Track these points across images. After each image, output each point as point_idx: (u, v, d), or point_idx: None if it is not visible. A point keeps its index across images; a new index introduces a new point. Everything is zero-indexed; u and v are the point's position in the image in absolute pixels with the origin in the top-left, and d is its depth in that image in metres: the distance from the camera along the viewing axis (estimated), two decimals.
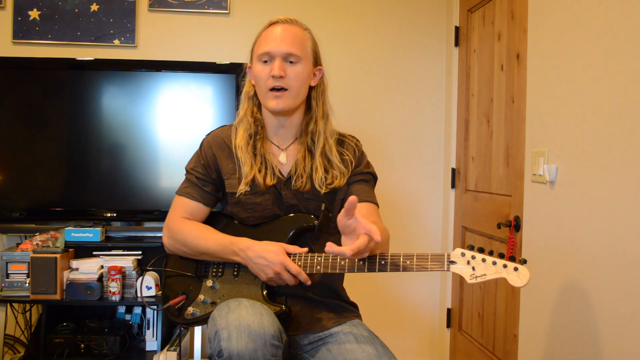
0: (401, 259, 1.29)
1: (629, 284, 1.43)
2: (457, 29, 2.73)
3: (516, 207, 2.05)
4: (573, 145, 1.69)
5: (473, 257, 1.26)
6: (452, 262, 1.27)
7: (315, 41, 1.55)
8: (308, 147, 1.53)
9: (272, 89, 1.46)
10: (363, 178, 1.56)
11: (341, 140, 1.59)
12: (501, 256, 1.25)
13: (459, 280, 2.68)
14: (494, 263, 1.24)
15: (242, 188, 1.49)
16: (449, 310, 2.80)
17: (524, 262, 1.23)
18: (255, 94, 1.56)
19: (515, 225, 2.02)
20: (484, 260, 1.25)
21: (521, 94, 2.03)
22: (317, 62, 1.54)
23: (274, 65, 1.44)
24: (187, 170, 1.58)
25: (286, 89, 1.46)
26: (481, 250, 1.26)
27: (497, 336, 2.28)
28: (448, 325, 2.80)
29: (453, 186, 2.77)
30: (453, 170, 2.76)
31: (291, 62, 1.46)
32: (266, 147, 1.54)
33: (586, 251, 1.61)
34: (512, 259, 1.23)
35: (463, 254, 1.27)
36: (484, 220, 2.38)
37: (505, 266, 1.23)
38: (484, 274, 1.24)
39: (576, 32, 1.68)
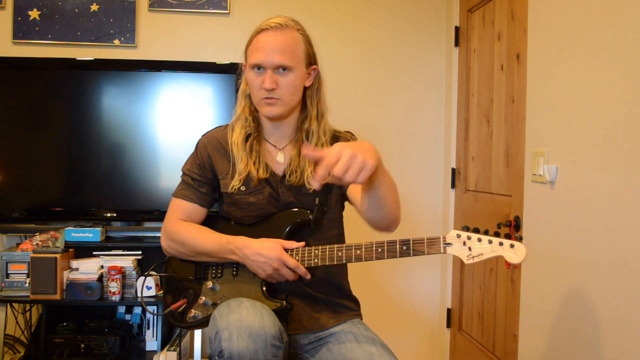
0: (397, 245, 1.30)
1: (629, 284, 1.43)
2: (457, 28, 2.73)
3: (516, 207, 2.05)
4: (573, 145, 1.69)
5: (469, 238, 1.24)
6: (448, 244, 1.26)
7: (309, 40, 1.51)
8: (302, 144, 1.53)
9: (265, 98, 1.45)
10: None
11: (336, 137, 1.58)
12: (497, 235, 1.24)
13: (459, 280, 2.68)
14: (490, 242, 1.23)
15: (236, 184, 1.49)
16: (449, 310, 2.80)
17: (519, 239, 1.22)
18: None
19: (515, 225, 2.02)
20: (479, 240, 1.24)
21: (521, 94, 2.03)
22: (311, 62, 1.51)
23: (265, 78, 1.43)
24: (183, 172, 1.58)
25: (278, 99, 1.45)
26: (476, 231, 1.25)
27: (497, 336, 2.28)
28: (448, 325, 2.80)
29: (453, 186, 2.77)
30: (453, 170, 2.76)
31: (284, 69, 1.44)
32: (262, 145, 1.54)
33: (586, 251, 1.61)
34: (507, 236, 1.22)
35: (459, 235, 1.25)
36: (484, 220, 2.38)
37: (501, 244, 1.22)
38: (481, 254, 1.23)
39: (576, 32, 1.68)
